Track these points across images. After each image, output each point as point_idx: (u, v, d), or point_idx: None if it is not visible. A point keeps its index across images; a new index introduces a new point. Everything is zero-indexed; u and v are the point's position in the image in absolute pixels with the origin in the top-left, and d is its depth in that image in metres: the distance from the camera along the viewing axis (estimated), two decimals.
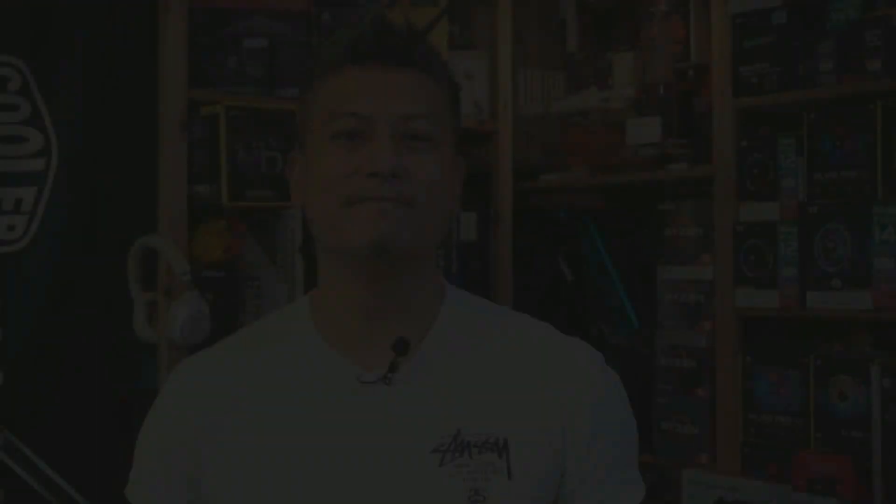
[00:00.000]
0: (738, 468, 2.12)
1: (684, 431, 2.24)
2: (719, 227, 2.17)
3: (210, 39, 2.11)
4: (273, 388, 1.09)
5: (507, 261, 2.54)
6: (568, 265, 2.66)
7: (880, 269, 1.91)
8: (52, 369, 1.88)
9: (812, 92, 2.03)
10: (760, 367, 2.10)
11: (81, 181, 1.93)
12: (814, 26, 2.12)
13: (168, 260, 1.94)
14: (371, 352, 1.08)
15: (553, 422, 1.08)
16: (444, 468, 1.03)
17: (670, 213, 2.30)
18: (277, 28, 2.18)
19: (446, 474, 1.03)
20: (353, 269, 1.08)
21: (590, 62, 2.61)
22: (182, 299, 1.93)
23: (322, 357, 1.09)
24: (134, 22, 1.99)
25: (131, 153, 2.01)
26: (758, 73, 2.11)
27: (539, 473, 1.06)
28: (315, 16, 2.23)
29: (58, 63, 1.90)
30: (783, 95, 2.08)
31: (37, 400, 1.87)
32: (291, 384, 1.09)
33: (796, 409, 2.05)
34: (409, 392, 1.07)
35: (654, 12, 2.35)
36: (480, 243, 2.47)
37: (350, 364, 1.08)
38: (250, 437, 1.07)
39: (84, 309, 1.94)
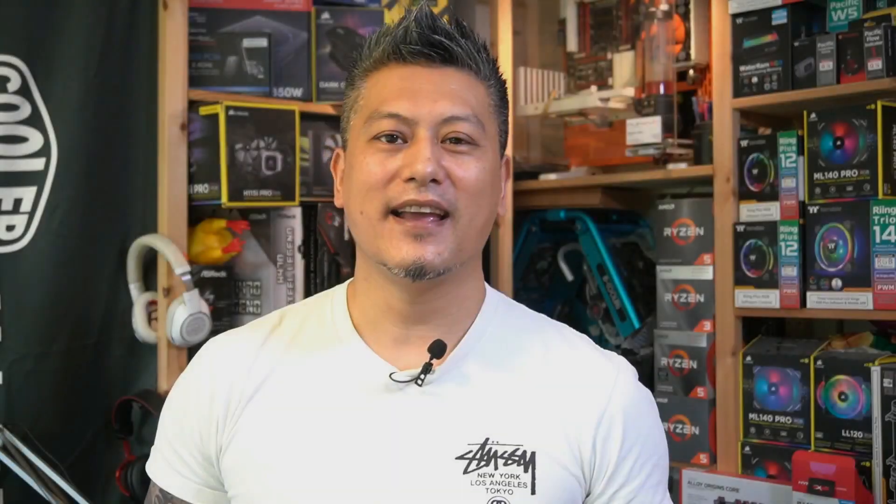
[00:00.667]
0: (738, 468, 2.12)
1: (684, 431, 2.24)
2: (719, 227, 2.17)
3: (210, 39, 2.11)
4: (305, 375, 1.08)
5: (507, 261, 2.54)
6: (568, 265, 2.66)
7: (880, 269, 1.91)
8: (52, 369, 1.88)
9: (812, 92, 2.03)
10: (760, 367, 2.10)
11: (81, 181, 1.92)
12: (814, 26, 2.12)
13: (168, 260, 1.93)
14: (405, 352, 1.08)
15: (583, 438, 1.07)
16: (468, 476, 1.02)
17: (670, 213, 2.30)
18: (277, 28, 2.18)
19: (469, 482, 1.02)
20: (391, 281, 1.06)
21: (590, 62, 2.61)
22: (182, 299, 1.93)
23: (357, 352, 1.08)
24: (134, 22, 1.99)
25: (131, 153, 2.01)
26: (758, 73, 2.11)
27: (563, 492, 1.05)
28: (315, 16, 2.23)
29: (58, 63, 1.90)
30: (783, 95, 2.08)
31: (37, 400, 1.86)
32: (325, 374, 1.08)
33: (796, 409, 2.05)
34: (440, 396, 1.06)
35: (654, 12, 2.35)
36: None
37: (384, 362, 1.07)
38: (278, 421, 1.06)
39: (84, 309, 1.94)
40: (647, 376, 2.35)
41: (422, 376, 1.05)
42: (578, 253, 2.62)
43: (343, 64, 2.22)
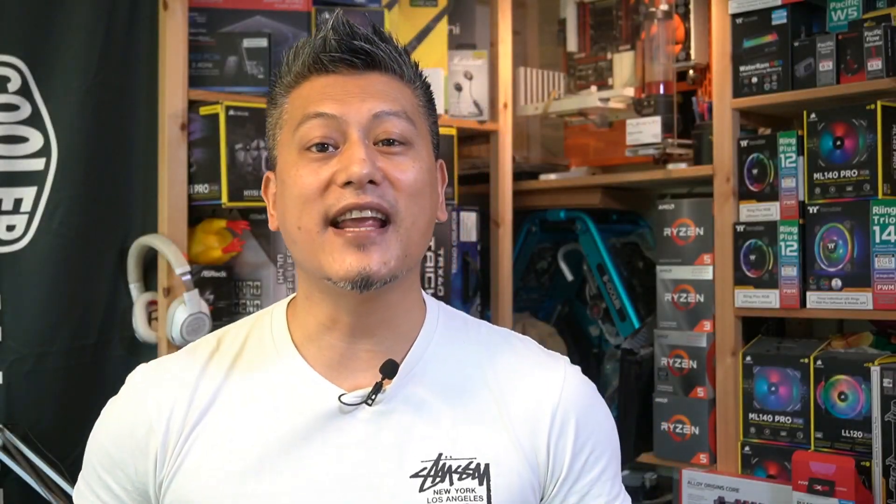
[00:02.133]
0: (738, 468, 2.12)
1: (684, 431, 2.24)
2: (719, 227, 2.17)
3: (210, 39, 2.11)
4: (250, 402, 1.04)
5: (507, 261, 2.54)
6: (568, 265, 2.66)
7: (880, 269, 1.91)
8: (52, 369, 1.88)
9: (812, 92, 2.03)
10: (760, 367, 2.10)
11: (81, 181, 1.92)
12: (814, 26, 2.12)
13: (168, 260, 1.94)
14: (351, 369, 1.05)
15: (538, 442, 1.06)
16: (424, 493, 1.01)
17: (670, 213, 2.30)
18: (277, 28, 2.18)
19: (426, 500, 1.01)
20: (336, 294, 1.03)
21: (590, 62, 2.61)
22: (182, 299, 1.93)
23: (302, 374, 1.05)
24: (134, 22, 1.99)
25: (131, 153, 2.01)
26: (758, 73, 2.11)
27: (518, 500, 1.04)
28: (315, 16, 2.23)
29: (58, 63, 1.90)
30: (783, 95, 2.08)
31: (37, 400, 1.87)
32: (270, 400, 1.04)
33: (796, 409, 2.05)
34: (390, 414, 1.04)
35: (654, 12, 2.35)
36: (480, 243, 2.47)
37: (330, 384, 1.04)
38: (225, 451, 1.02)
39: (84, 309, 1.94)
40: (647, 376, 2.35)
41: (373, 396, 1.02)
42: (578, 253, 2.62)
43: None
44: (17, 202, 1.88)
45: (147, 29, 2.01)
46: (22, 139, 1.87)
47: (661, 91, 2.33)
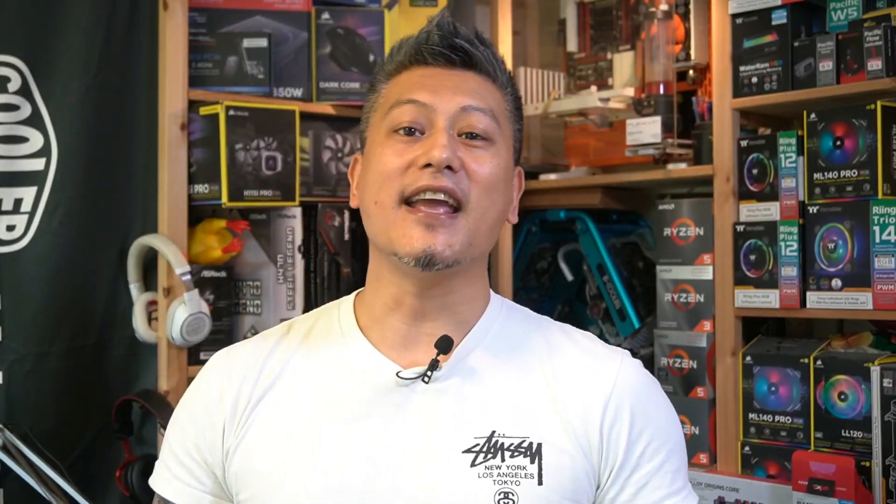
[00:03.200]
0: (738, 468, 2.12)
1: (684, 431, 2.23)
2: (719, 227, 2.17)
3: (210, 39, 2.11)
4: (313, 377, 1.10)
5: (507, 261, 2.54)
6: (568, 265, 2.66)
7: (880, 269, 1.91)
8: (52, 369, 1.88)
9: (812, 92, 2.03)
10: (760, 367, 2.10)
11: (81, 181, 1.93)
12: (814, 26, 2.12)
13: (168, 260, 1.94)
14: (412, 350, 1.09)
15: (590, 426, 1.07)
16: (475, 469, 1.03)
17: (670, 213, 2.30)
18: (277, 28, 2.18)
19: (476, 475, 1.03)
20: (402, 273, 1.08)
21: (590, 62, 2.61)
22: (182, 299, 1.93)
23: (363, 352, 1.10)
24: (134, 22, 1.99)
25: (131, 153, 2.01)
26: (758, 73, 2.11)
27: (571, 482, 1.05)
28: (315, 16, 2.23)
29: (58, 63, 1.90)
30: (783, 95, 2.08)
31: (37, 400, 1.87)
32: (331, 376, 1.09)
33: (796, 408, 2.05)
34: (446, 391, 1.07)
35: (654, 12, 2.35)
36: None
37: (390, 361, 1.09)
38: (286, 423, 1.07)
39: (84, 309, 1.94)
40: None
41: (428, 373, 1.06)
42: (578, 253, 2.62)
43: (343, 64, 2.22)
44: (17, 202, 1.88)
45: (147, 29, 2.01)
46: (22, 139, 1.88)
47: (661, 91, 2.33)
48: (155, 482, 1.15)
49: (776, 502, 2.00)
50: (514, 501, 1.02)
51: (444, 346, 1.07)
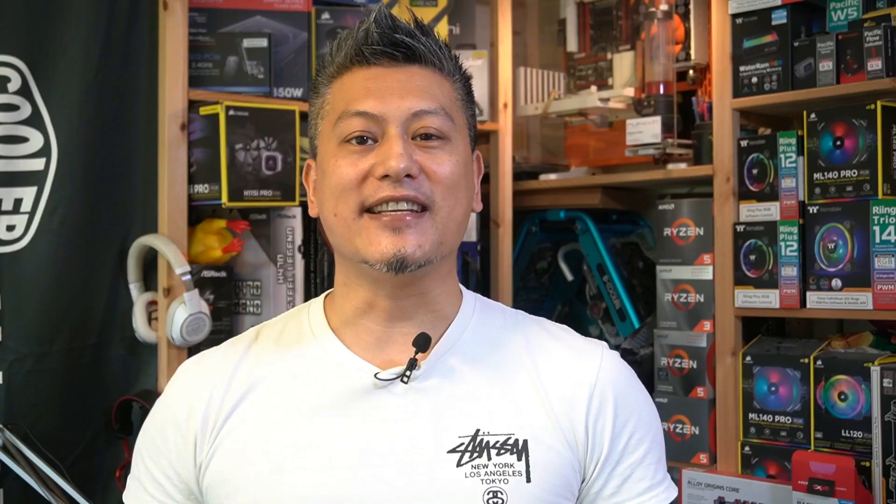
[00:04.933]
0: (738, 468, 2.12)
1: (684, 431, 2.24)
2: (719, 227, 2.17)
3: (210, 39, 2.11)
4: (288, 384, 1.07)
5: (507, 261, 2.54)
6: (568, 265, 2.66)
7: (880, 269, 1.91)
8: (52, 369, 1.88)
9: (812, 92, 2.03)
10: (760, 367, 2.10)
11: (81, 181, 1.92)
12: (814, 26, 2.12)
13: (168, 260, 1.93)
14: (387, 351, 1.07)
15: (576, 420, 1.07)
16: (462, 468, 1.02)
17: (670, 213, 2.30)
18: (277, 28, 2.18)
19: (463, 475, 1.02)
20: (373, 278, 1.06)
21: (590, 62, 2.61)
22: (182, 299, 1.93)
23: (338, 355, 1.08)
24: (134, 22, 1.99)
25: (131, 153, 2.01)
26: (758, 73, 2.11)
27: (559, 477, 1.04)
28: (315, 16, 2.23)
29: (58, 63, 1.90)
30: (783, 95, 2.08)
31: (37, 400, 1.86)
32: (307, 381, 1.07)
33: (796, 409, 2.05)
34: (427, 391, 1.05)
35: (654, 12, 2.35)
36: (480, 243, 2.47)
37: (366, 363, 1.07)
38: (262, 433, 1.05)
39: (84, 309, 1.94)
40: (647, 376, 2.35)
41: (407, 373, 1.04)
42: (578, 253, 2.62)
43: None
44: (17, 202, 1.88)
45: (147, 29, 2.01)
46: (22, 139, 1.87)
47: (661, 91, 2.33)
48: (127, 497, 1.13)
49: (776, 502, 2.00)
50: (503, 500, 1.01)
51: (422, 344, 1.05)
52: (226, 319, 2.07)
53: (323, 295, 1.16)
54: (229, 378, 1.08)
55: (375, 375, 1.05)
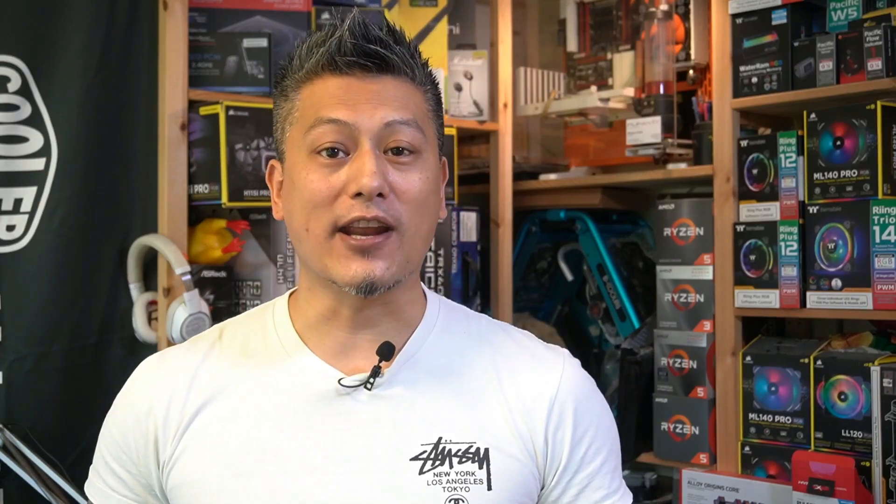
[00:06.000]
0: (738, 468, 2.12)
1: (684, 431, 2.24)
2: (719, 227, 2.17)
3: (210, 39, 2.11)
4: (252, 388, 1.07)
5: (507, 261, 2.54)
6: (568, 265, 2.66)
7: (880, 269, 1.91)
8: (52, 369, 1.88)
9: (812, 92, 2.03)
10: (760, 367, 2.10)
11: (81, 181, 1.92)
12: (814, 26, 2.12)
13: (168, 260, 1.94)
14: (352, 357, 1.07)
15: (536, 429, 1.08)
16: (424, 476, 1.02)
17: (670, 213, 2.30)
18: (277, 28, 2.18)
19: (425, 482, 1.02)
20: (336, 290, 1.06)
21: (590, 62, 2.61)
22: (182, 299, 1.93)
23: (303, 360, 1.08)
24: (134, 22, 1.99)
25: (131, 153, 2.01)
26: (758, 73, 2.11)
27: (519, 485, 1.05)
28: (315, 16, 2.23)
29: (58, 63, 1.90)
30: (783, 95, 2.08)
31: (37, 400, 1.87)
32: (272, 386, 1.07)
33: (796, 408, 2.05)
34: (390, 398, 1.05)
35: (654, 12, 2.35)
36: (480, 243, 2.48)
37: (331, 368, 1.06)
38: (226, 436, 1.04)
39: (84, 309, 1.94)
40: (647, 376, 2.35)
41: (371, 380, 1.04)
42: (578, 253, 2.62)
43: None
44: (17, 202, 1.88)
45: (147, 29, 2.01)
46: (22, 139, 1.88)
47: (661, 91, 2.33)
48: (88, 488, 1.13)
49: (776, 502, 2.00)
50: None
51: (386, 353, 1.05)
52: (226, 319, 2.07)
53: (287, 294, 1.15)
54: (191, 380, 1.08)
55: (339, 381, 1.05)
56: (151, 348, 2.00)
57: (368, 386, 1.05)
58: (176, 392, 1.08)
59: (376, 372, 1.05)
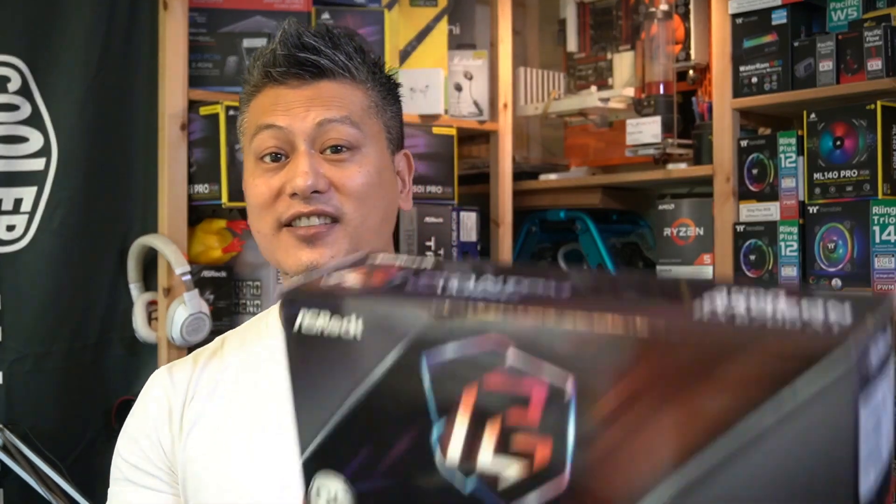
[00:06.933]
0: None
1: None
2: (719, 227, 2.17)
3: (210, 39, 2.11)
4: (253, 382, 1.09)
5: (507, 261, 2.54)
6: (568, 265, 2.66)
7: (880, 269, 1.91)
8: (52, 369, 1.88)
9: (812, 92, 2.03)
10: None
11: (81, 181, 1.93)
12: (814, 26, 2.12)
13: (168, 260, 1.94)
14: None
15: None
16: None
17: (670, 213, 2.30)
18: (277, 28, 2.18)
19: None
20: None
21: (590, 62, 2.61)
22: (182, 299, 1.93)
23: None
24: (134, 22, 1.99)
25: (131, 153, 2.01)
26: (758, 73, 2.11)
27: None
28: (315, 16, 2.23)
29: (58, 63, 1.90)
30: (783, 95, 2.08)
31: (37, 400, 1.87)
32: (267, 374, 1.09)
33: None
34: None
35: (654, 12, 2.35)
36: (480, 243, 2.48)
37: None
38: (232, 432, 1.07)
39: (84, 309, 1.94)
40: None
41: None
42: (578, 253, 2.62)
43: None
44: (17, 202, 1.88)
45: (147, 29, 2.01)
46: (22, 139, 1.88)
47: (661, 91, 2.33)
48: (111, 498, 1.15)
49: None
50: None
51: None
52: (226, 319, 2.08)
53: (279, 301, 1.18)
54: (193, 386, 1.12)
55: None
56: (151, 348, 2.00)
57: None
58: (180, 398, 1.11)
59: None
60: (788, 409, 0.51)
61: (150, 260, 2.02)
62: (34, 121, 1.88)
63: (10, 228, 1.87)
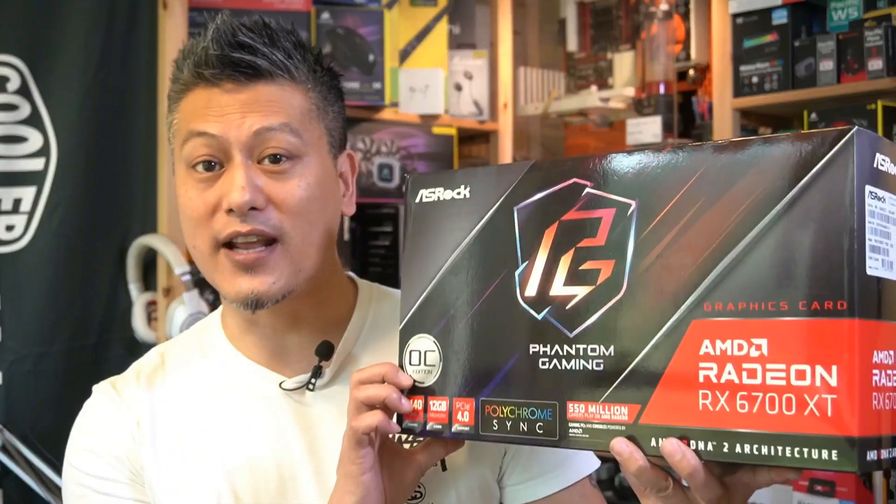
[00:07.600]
0: None
1: None
2: None
3: None
4: (201, 404, 1.05)
5: None
6: None
7: None
8: (52, 369, 1.88)
9: (812, 92, 2.03)
10: None
11: (81, 181, 1.93)
12: (814, 26, 2.12)
13: (168, 260, 1.93)
14: (289, 360, 1.05)
15: None
16: None
17: None
18: None
19: None
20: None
21: (590, 62, 2.61)
22: (181, 299, 1.93)
23: (242, 368, 1.05)
24: (134, 22, 1.99)
25: (131, 153, 2.01)
26: (758, 73, 2.11)
27: (472, 468, 1.03)
28: (315, 16, 2.23)
29: (58, 63, 1.90)
30: (783, 95, 2.08)
31: (37, 400, 1.87)
32: (219, 398, 1.05)
33: None
34: (334, 397, 1.03)
35: (654, 12, 2.35)
36: None
37: (272, 373, 1.04)
38: (176, 454, 1.03)
39: (84, 309, 1.94)
40: None
41: (312, 381, 1.02)
42: None
43: (343, 64, 2.22)
44: (17, 202, 1.88)
45: (147, 29, 2.01)
46: (22, 139, 1.88)
47: (661, 91, 2.33)
48: None
49: (776, 502, 2.00)
50: (421, 492, 1.00)
51: (325, 352, 1.02)
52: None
53: (218, 310, 1.12)
54: (147, 401, 1.07)
55: (280, 385, 1.03)
56: (151, 348, 2.00)
57: (310, 386, 1.02)
58: (130, 428, 1.07)
59: (317, 372, 1.02)
60: (798, 197, 0.70)
61: (149, 260, 2.02)
62: (34, 121, 1.88)
63: (10, 228, 1.87)
